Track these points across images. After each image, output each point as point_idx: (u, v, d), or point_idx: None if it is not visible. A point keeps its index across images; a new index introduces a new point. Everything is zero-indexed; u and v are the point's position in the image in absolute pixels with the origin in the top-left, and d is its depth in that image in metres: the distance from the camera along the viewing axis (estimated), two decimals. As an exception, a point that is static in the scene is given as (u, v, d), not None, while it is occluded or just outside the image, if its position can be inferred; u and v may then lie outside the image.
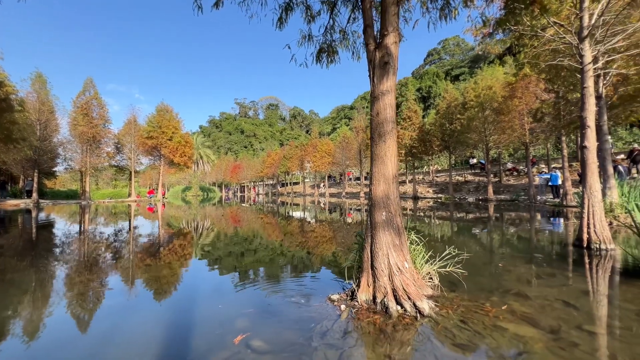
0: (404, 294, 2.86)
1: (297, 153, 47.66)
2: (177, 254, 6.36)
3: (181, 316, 3.11)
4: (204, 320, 2.96)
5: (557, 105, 14.13)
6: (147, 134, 33.41)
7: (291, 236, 8.75)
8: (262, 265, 5.34)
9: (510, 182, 24.98)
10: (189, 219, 14.07)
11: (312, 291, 3.66)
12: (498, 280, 3.99)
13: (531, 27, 6.55)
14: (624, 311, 2.98)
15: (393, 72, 3.20)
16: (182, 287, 4.13)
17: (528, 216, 11.81)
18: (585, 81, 5.85)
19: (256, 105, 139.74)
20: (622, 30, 6.42)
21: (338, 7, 5.49)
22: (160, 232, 9.96)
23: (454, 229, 9.11)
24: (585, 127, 5.79)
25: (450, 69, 74.78)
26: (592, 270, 4.47)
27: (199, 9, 4.16)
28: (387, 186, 3.10)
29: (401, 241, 3.06)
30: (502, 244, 6.79)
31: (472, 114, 21.41)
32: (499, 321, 2.69)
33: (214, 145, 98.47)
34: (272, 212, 17.61)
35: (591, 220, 5.53)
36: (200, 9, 4.17)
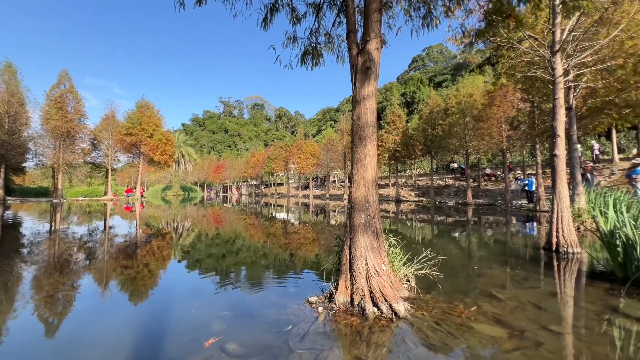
0: (380, 296, 2.90)
1: (282, 154, 47.43)
2: (154, 255, 6.18)
3: (154, 319, 3.02)
4: (178, 323, 2.89)
5: (532, 114, 14.78)
6: (126, 131, 32.26)
7: (273, 237, 8.69)
8: (242, 267, 5.28)
9: (488, 187, 25.87)
10: (168, 219, 13.70)
11: (291, 293, 3.65)
12: (472, 282, 4.12)
13: (508, 39, 6.84)
14: (587, 312, 3.15)
15: (374, 78, 3.25)
16: (158, 290, 4.01)
17: (504, 220, 12.26)
18: (557, 93, 6.16)
19: (241, 105, 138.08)
20: (590, 46, 6.81)
21: (323, 10, 5.52)
22: (138, 232, 9.64)
23: (434, 232, 9.33)
24: (555, 136, 6.09)
25: (433, 76, 76.75)
26: (560, 272, 4.70)
27: (181, 6, 4.07)
28: (366, 189, 3.14)
29: (379, 244, 3.11)
30: (478, 246, 7.02)
31: (454, 120, 22.05)
32: (471, 322, 2.78)
33: (196, 144, 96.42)
34: (254, 213, 17.42)
35: (560, 225, 5.82)
36: (182, 5, 4.08)
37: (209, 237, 8.81)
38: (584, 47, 6.97)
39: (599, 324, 2.80)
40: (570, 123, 9.96)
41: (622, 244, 4.02)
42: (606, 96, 10.41)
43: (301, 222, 12.46)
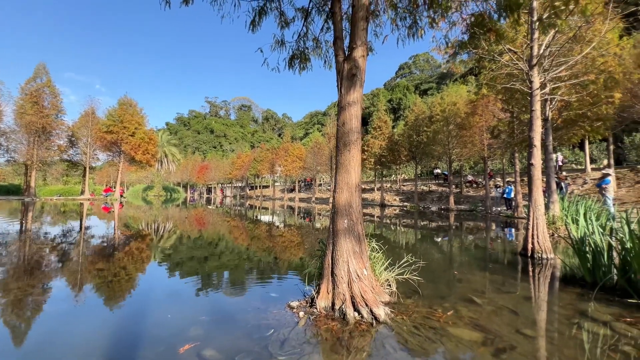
0: (361, 300, 2.92)
1: (268, 156, 47.11)
2: (133, 258, 5.98)
3: (128, 325, 2.92)
4: (154, 329, 2.81)
5: (511, 124, 15.35)
6: (106, 128, 31.20)
7: (257, 240, 8.60)
8: (224, 270, 5.19)
9: (469, 194, 26.59)
10: (149, 221, 13.30)
11: (273, 297, 3.62)
12: (452, 287, 4.22)
13: (489, 51, 7.09)
14: (558, 316, 3.28)
15: (360, 85, 3.30)
16: (135, 293, 3.88)
17: (484, 226, 12.62)
18: (534, 104, 6.43)
19: (228, 105, 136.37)
20: (565, 62, 7.16)
21: (312, 15, 5.57)
22: (116, 233, 9.31)
23: (417, 237, 9.49)
24: (532, 146, 6.35)
25: (419, 83, 78.46)
26: (534, 278, 4.88)
27: (166, 4, 4.01)
28: (350, 194, 3.17)
29: (361, 248, 3.14)
30: (459, 252, 7.19)
31: (438, 127, 22.58)
32: (448, 326, 2.84)
33: (180, 144, 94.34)
34: (239, 215, 17.18)
35: (535, 231, 6.05)
36: (167, 4, 4.02)
37: (191, 239, 8.62)
38: (560, 62, 7.32)
39: (568, 328, 2.92)
40: (547, 134, 10.40)
41: (591, 250, 4.22)
42: (579, 109, 10.95)
43: (286, 225, 12.39)
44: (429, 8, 4.85)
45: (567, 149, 29.69)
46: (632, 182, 17.80)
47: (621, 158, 25.31)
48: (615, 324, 2.96)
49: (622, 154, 25.65)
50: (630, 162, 23.66)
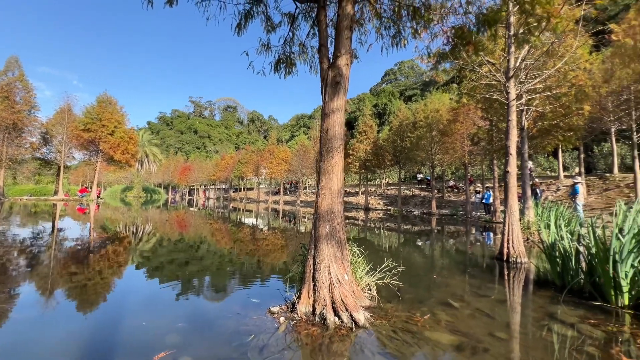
0: (342, 305, 2.95)
1: (253, 158, 46.66)
2: (109, 261, 5.77)
3: (102, 333, 2.82)
4: (128, 336, 2.73)
5: (490, 132, 15.93)
6: (83, 126, 29.95)
7: (240, 244, 8.49)
8: (204, 275, 5.09)
9: (451, 198, 27.28)
10: (127, 222, 12.87)
11: (254, 303, 3.59)
12: (431, 291, 4.32)
13: (469, 62, 7.37)
14: (529, 319, 3.43)
15: (344, 92, 3.36)
16: (111, 299, 3.75)
17: (464, 230, 12.98)
18: (510, 114, 6.72)
19: (213, 106, 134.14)
20: (539, 75, 7.53)
21: (298, 21, 5.61)
22: (92, 236, 8.96)
23: (400, 240, 9.65)
24: (509, 154, 6.62)
25: (404, 90, 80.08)
26: (509, 281, 5.07)
27: (149, 3, 3.93)
28: (332, 200, 3.21)
29: (343, 253, 3.17)
30: (439, 256, 7.36)
31: (421, 133, 23.11)
32: (426, 330, 2.91)
33: (162, 144, 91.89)
34: (221, 218, 16.90)
35: (510, 236, 6.29)
36: (150, 3, 3.94)
37: (171, 242, 8.41)
38: (534, 75, 7.69)
39: (538, 330, 3.06)
40: (523, 142, 10.86)
41: (561, 255, 4.44)
42: (553, 120, 11.52)
43: (269, 229, 12.29)
44: (412, 19, 5.00)
45: (543, 157, 31.06)
46: (601, 190, 18.80)
47: (591, 166, 26.72)
48: (580, 326, 3.13)
49: (592, 162, 27.10)
50: (599, 170, 25.02)
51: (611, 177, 18.63)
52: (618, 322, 3.26)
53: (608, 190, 17.56)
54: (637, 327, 3.10)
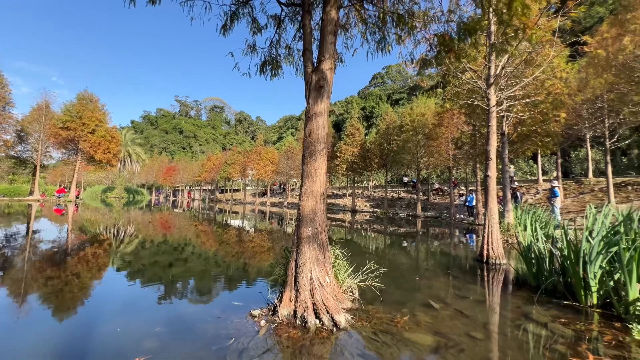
0: (323, 308, 2.97)
1: (240, 159, 46.16)
2: (87, 264, 5.58)
3: (77, 338, 2.73)
4: (105, 342, 2.65)
5: (473, 136, 16.36)
6: (62, 124, 28.87)
7: (223, 246, 8.38)
8: (186, 278, 5.00)
9: (436, 201, 27.80)
10: (107, 224, 12.47)
11: (235, 306, 3.55)
12: (412, 292, 4.39)
13: (452, 69, 7.56)
14: (504, 319, 3.54)
15: (327, 96, 3.39)
16: (89, 304, 3.63)
17: (447, 232, 13.26)
18: (490, 120, 6.94)
19: (199, 106, 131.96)
20: (518, 83, 7.81)
21: (285, 23, 5.62)
22: (70, 238, 8.64)
23: (385, 242, 9.75)
24: (489, 159, 6.83)
25: (391, 93, 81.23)
26: (487, 282, 5.22)
27: (131, 2, 3.86)
28: (314, 203, 3.22)
29: (324, 256, 3.19)
30: (422, 258, 7.49)
31: (407, 136, 23.47)
32: (405, 332, 2.97)
33: (146, 144, 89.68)
34: (206, 220, 16.63)
35: (490, 239, 6.48)
36: (132, 2, 3.87)
37: (154, 245, 8.21)
38: (514, 83, 7.97)
39: (512, 330, 3.16)
40: (503, 147, 11.21)
41: (536, 257, 4.61)
42: (532, 126, 11.94)
43: (255, 231, 12.19)
44: (396, 26, 5.10)
45: (523, 161, 32.14)
46: (577, 193, 19.60)
47: (568, 171, 27.84)
48: (552, 325, 3.26)
49: (569, 167, 28.23)
50: (575, 174, 26.07)
51: (586, 181, 19.44)
52: (587, 320, 3.41)
53: (583, 194, 18.31)
54: (604, 326, 3.26)
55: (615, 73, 10.89)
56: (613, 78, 11.03)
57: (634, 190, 15.50)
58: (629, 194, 15.22)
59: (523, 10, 3.74)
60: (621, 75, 10.81)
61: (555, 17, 7.23)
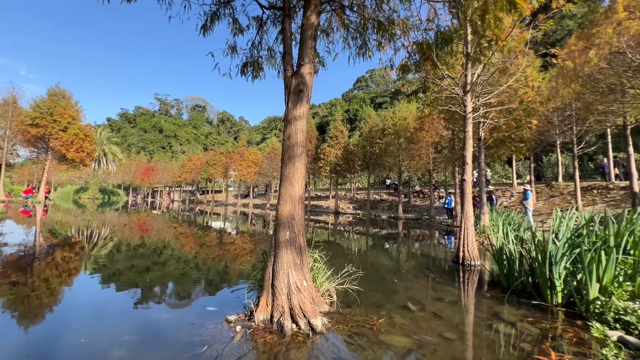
0: (300, 312, 2.97)
1: (222, 160, 45.37)
2: (55, 270, 5.30)
3: (40, 348, 2.59)
4: (70, 351, 2.53)
5: (452, 141, 16.87)
6: (31, 121, 27.27)
7: (201, 249, 8.19)
8: (160, 283, 4.85)
9: (417, 203, 28.41)
10: (80, 226, 11.90)
11: (211, 312, 3.49)
12: (390, 295, 4.46)
13: (431, 76, 7.78)
14: (476, 319, 3.67)
15: (306, 100, 3.40)
16: (58, 311, 3.45)
17: (427, 233, 13.57)
18: (467, 126, 7.18)
19: (180, 104, 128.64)
20: (493, 91, 8.13)
21: (267, 26, 5.60)
22: (38, 241, 8.18)
23: (367, 244, 9.86)
24: (465, 163, 7.06)
25: (375, 97, 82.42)
26: (463, 283, 5.38)
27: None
28: (293, 207, 3.22)
29: (302, 260, 3.19)
30: (401, 259, 7.63)
31: (389, 140, 23.89)
32: (381, 334, 3.01)
33: (123, 142, 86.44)
34: (186, 222, 16.21)
35: (466, 241, 6.69)
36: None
37: (127, 249, 7.91)
38: (489, 91, 8.29)
39: (483, 330, 3.28)
40: (479, 152, 11.63)
41: (507, 258, 4.81)
42: (506, 132, 12.46)
43: (236, 233, 12.00)
44: (377, 32, 5.20)
45: (499, 165, 33.43)
46: (548, 196, 20.59)
47: (540, 174, 29.19)
48: (520, 324, 3.40)
49: (541, 171, 29.61)
50: (547, 178, 27.38)
51: (556, 185, 20.44)
52: (552, 319, 3.59)
53: (553, 197, 19.24)
54: (567, 324, 3.44)
55: (582, 83, 11.54)
56: (580, 88, 11.68)
57: (599, 193, 16.44)
58: (594, 197, 16.13)
59: (495, 22, 3.91)
60: (587, 85, 11.47)
61: (527, 29, 7.59)
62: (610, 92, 11.26)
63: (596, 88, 11.46)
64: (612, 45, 10.04)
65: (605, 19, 10.15)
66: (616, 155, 21.81)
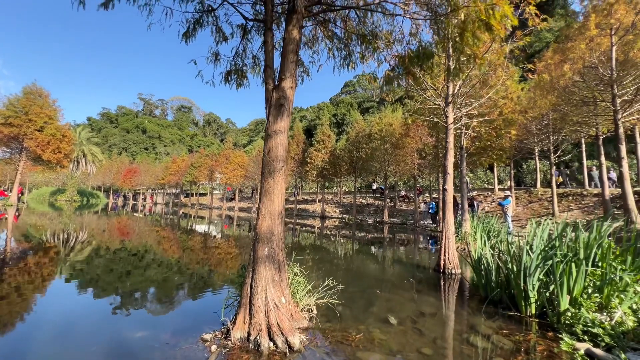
0: (277, 329, 2.93)
1: (207, 162, 44.64)
2: (22, 278, 5.04)
3: None
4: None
5: (435, 148, 17.21)
6: (4, 120, 26.04)
7: (180, 259, 8.00)
8: (135, 299, 4.69)
9: (402, 207, 28.78)
10: (56, 229, 11.39)
11: (186, 329, 3.39)
12: (371, 307, 4.48)
13: (415, 87, 7.92)
14: (454, 332, 3.73)
15: (287, 114, 3.39)
16: (10, 336, 3.27)
17: (412, 238, 13.75)
18: (448, 137, 7.34)
19: (165, 105, 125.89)
20: (474, 102, 8.36)
21: (251, 34, 5.56)
22: (7, 247, 7.77)
23: (353, 249, 9.88)
24: (446, 173, 7.20)
25: (362, 101, 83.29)
26: (443, 293, 5.47)
27: (80, 4, 3.60)
28: (272, 222, 3.19)
29: (281, 276, 3.16)
30: (384, 268, 7.68)
31: (376, 145, 24.15)
32: (358, 351, 3.01)
33: (104, 143, 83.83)
34: (169, 226, 15.81)
35: (447, 249, 6.81)
36: (82, 4, 3.62)
37: (103, 257, 7.63)
38: (470, 102, 8.52)
39: (459, 343, 3.33)
40: (461, 160, 11.90)
41: (485, 269, 4.92)
42: (488, 140, 12.83)
43: (220, 238, 11.79)
44: (361, 44, 5.27)
45: (481, 171, 34.33)
46: (527, 202, 21.28)
47: (520, 181, 30.14)
48: (495, 337, 3.48)
49: (521, 177, 30.59)
50: (527, 184, 28.28)
51: (535, 191, 21.15)
52: (526, 330, 3.68)
53: (532, 203, 19.90)
54: (540, 336, 3.54)
55: (557, 95, 12.04)
56: (556, 100, 12.19)
57: (574, 200, 17.13)
58: (570, 204, 16.79)
59: (473, 40, 4.03)
60: (562, 97, 11.98)
61: (506, 44, 7.86)
62: (584, 104, 11.80)
63: (571, 100, 11.98)
64: (585, 60, 10.54)
65: (579, 35, 10.64)
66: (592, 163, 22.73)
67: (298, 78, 4.82)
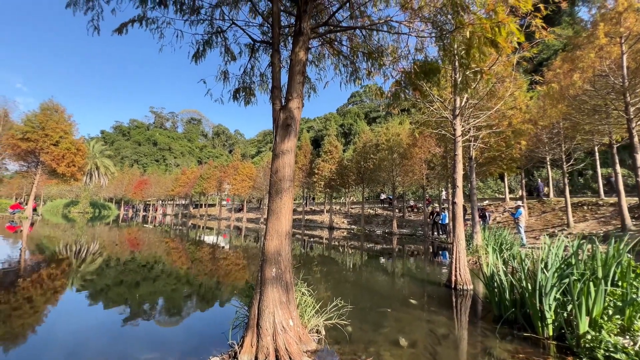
0: (285, 353, 2.88)
1: (216, 173, 45.16)
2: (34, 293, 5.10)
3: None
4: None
5: (444, 158, 17.06)
6: (22, 135, 27.02)
7: (189, 272, 8.00)
8: (142, 317, 4.69)
9: (411, 218, 28.41)
10: (69, 242, 11.58)
11: (193, 349, 3.36)
12: (381, 327, 4.37)
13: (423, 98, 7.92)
14: (469, 357, 3.59)
15: (294, 134, 3.42)
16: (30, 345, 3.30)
17: (422, 249, 13.50)
18: (457, 149, 7.27)
19: (175, 117, 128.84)
20: (483, 113, 8.29)
21: (259, 53, 5.69)
22: (22, 259, 7.92)
23: (362, 262, 9.74)
24: (455, 186, 7.10)
25: (369, 112, 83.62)
26: (454, 311, 5.31)
27: (95, 30, 3.75)
28: (279, 242, 3.18)
29: (289, 298, 3.13)
30: (395, 283, 7.53)
31: (383, 155, 24.09)
32: (369, 376, 2.93)
33: (117, 155, 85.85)
34: (178, 237, 15.92)
35: (458, 264, 6.66)
36: (96, 30, 3.77)
37: (114, 270, 7.70)
38: (478, 114, 8.46)
39: (474, 367, 3.21)
40: (471, 171, 11.73)
41: (498, 287, 4.77)
42: (497, 151, 12.66)
43: (229, 249, 11.79)
44: (367, 60, 5.32)
45: (492, 180, 33.78)
46: (540, 212, 20.76)
47: (532, 189, 29.49)
48: (511, 361, 3.34)
49: (533, 185, 29.94)
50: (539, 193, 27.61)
51: (548, 200, 20.66)
52: (544, 355, 3.53)
53: (545, 213, 19.40)
54: (558, 359, 3.38)
55: (568, 104, 11.87)
56: (566, 109, 12.00)
57: (589, 210, 16.64)
58: (585, 214, 16.30)
59: (480, 56, 4.02)
60: (573, 106, 11.80)
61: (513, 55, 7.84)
62: (595, 112, 11.59)
63: (582, 109, 11.79)
64: (595, 69, 10.40)
65: (588, 43, 10.54)
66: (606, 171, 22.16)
67: (305, 94, 4.88)
